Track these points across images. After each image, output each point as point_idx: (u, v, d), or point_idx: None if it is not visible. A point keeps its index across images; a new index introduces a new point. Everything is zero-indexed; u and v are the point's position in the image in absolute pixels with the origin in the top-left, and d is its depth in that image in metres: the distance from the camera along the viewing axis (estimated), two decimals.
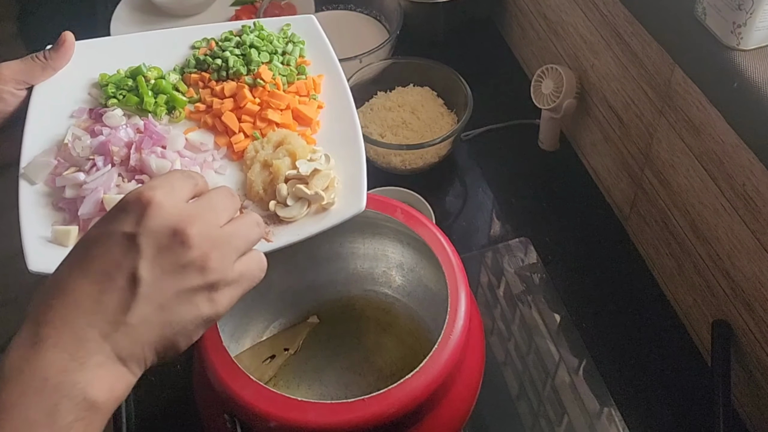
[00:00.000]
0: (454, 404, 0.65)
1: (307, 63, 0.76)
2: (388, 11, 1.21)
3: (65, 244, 0.60)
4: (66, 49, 0.69)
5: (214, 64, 0.73)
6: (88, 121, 0.69)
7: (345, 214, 0.62)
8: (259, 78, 0.72)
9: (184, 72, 0.74)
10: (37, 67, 0.67)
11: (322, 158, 0.65)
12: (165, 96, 0.71)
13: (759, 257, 0.72)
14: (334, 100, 0.72)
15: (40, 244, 0.60)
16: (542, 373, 0.87)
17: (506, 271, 0.97)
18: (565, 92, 1.00)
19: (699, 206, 0.81)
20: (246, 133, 0.69)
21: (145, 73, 0.72)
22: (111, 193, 0.62)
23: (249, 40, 0.75)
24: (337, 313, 0.84)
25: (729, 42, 0.67)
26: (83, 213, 0.61)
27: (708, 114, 0.75)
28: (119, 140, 0.66)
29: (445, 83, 1.09)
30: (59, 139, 0.67)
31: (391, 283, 0.83)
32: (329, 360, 0.81)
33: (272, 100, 0.70)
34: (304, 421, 0.57)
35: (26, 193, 0.63)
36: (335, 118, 0.71)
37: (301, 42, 0.77)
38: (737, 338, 0.79)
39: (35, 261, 0.59)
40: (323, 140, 0.69)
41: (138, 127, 0.68)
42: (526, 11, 1.17)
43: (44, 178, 0.64)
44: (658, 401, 0.83)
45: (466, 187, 1.08)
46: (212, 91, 0.73)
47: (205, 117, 0.71)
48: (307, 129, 0.70)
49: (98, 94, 0.71)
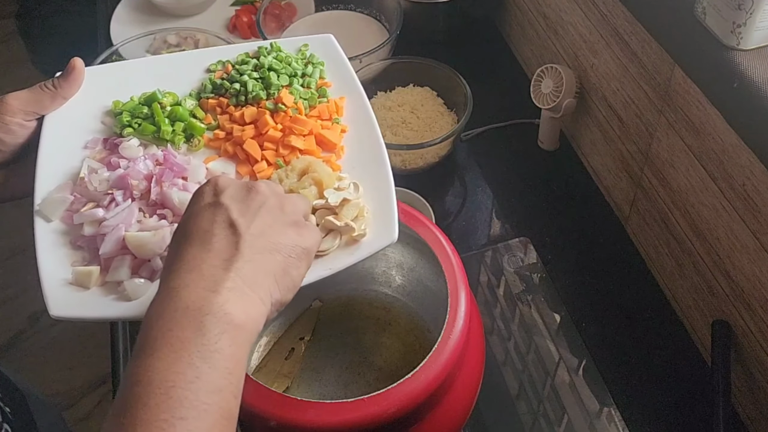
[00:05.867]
0: (454, 404, 0.65)
1: (328, 85, 0.73)
2: (388, 11, 1.21)
3: (87, 286, 0.57)
4: (76, 77, 0.66)
5: (233, 88, 0.70)
6: (103, 152, 0.66)
7: (377, 245, 0.60)
8: (280, 103, 0.69)
9: (201, 97, 0.71)
10: (46, 97, 0.64)
11: (351, 187, 0.62)
12: (182, 124, 0.68)
13: (759, 257, 0.72)
14: (357, 123, 0.69)
15: (60, 287, 0.57)
16: (542, 373, 0.87)
17: (506, 270, 0.97)
18: (565, 92, 1.00)
19: (699, 206, 0.81)
20: (269, 161, 0.66)
21: (160, 100, 0.69)
22: (132, 230, 0.59)
23: (267, 63, 0.72)
24: (337, 312, 0.84)
25: (729, 42, 0.67)
26: (104, 252, 0.58)
27: (708, 114, 0.75)
28: (138, 173, 0.63)
29: (445, 83, 1.09)
30: (74, 173, 0.63)
31: (391, 283, 0.83)
32: (329, 359, 0.81)
33: (295, 126, 0.67)
34: (303, 420, 0.57)
35: (42, 232, 0.60)
36: (360, 142, 0.68)
37: (321, 63, 0.74)
38: (737, 338, 0.79)
39: (56, 306, 0.56)
40: (349, 166, 0.66)
41: (157, 158, 0.65)
42: (526, 11, 1.17)
43: (60, 215, 0.61)
44: (658, 401, 0.83)
45: (465, 186, 1.08)
46: (231, 117, 0.69)
47: (226, 145, 0.68)
48: (331, 155, 0.67)
49: (112, 123, 0.68)
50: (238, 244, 0.49)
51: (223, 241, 0.49)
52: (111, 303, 0.57)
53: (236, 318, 0.46)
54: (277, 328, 0.82)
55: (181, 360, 0.43)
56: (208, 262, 0.48)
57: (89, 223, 0.60)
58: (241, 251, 0.48)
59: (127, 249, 0.58)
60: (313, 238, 0.53)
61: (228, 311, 0.45)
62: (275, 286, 0.50)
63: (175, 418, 0.40)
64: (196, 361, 0.43)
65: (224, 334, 0.45)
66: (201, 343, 0.44)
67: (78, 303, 0.57)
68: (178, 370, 0.42)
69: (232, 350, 0.45)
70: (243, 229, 0.49)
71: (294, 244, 0.51)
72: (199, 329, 0.44)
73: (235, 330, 0.45)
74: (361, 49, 1.09)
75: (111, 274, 0.58)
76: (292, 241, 0.51)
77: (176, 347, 0.43)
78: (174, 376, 0.42)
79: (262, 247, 0.49)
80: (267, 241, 0.50)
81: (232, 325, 0.45)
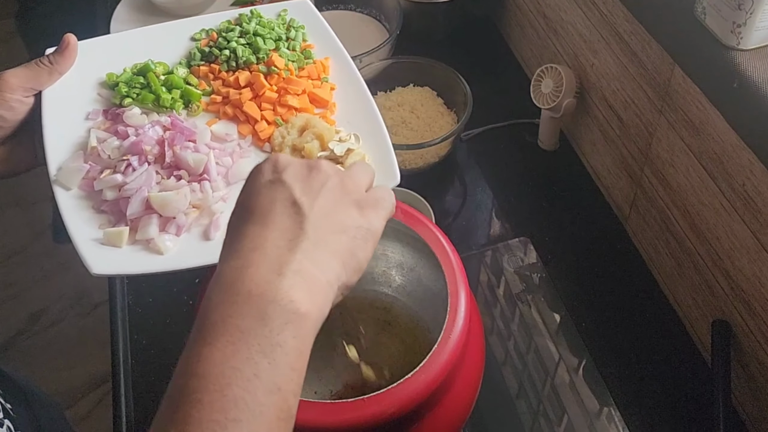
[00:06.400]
0: (454, 404, 0.65)
1: (311, 47, 0.76)
2: (388, 11, 1.21)
3: (118, 245, 0.60)
4: (70, 52, 0.69)
5: (222, 55, 0.74)
6: (106, 122, 0.69)
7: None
8: (272, 66, 0.73)
9: (191, 65, 0.75)
10: (43, 72, 0.67)
11: (352, 137, 0.66)
12: (179, 90, 0.71)
13: (759, 257, 0.72)
14: (344, 81, 0.73)
15: (94, 248, 0.60)
16: (542, 372, 0.87)
17: (506, 270, 0.96)
18: (565, 92, 1.00)
19: (699, 206, 0.81)
20: (268, 120, 0.70)
21: (153, 70, 0.72)
22: (154, 191, 0.62)
23: (252, 29, 0.75)
24: (337, 312, 0.84)
25: (729, 42, 0.67)
26: (132, 213, 0.62)
27: (708, 114, 0.75)
28: (150, 139, 0.66)
29: (444, 83, 1.09)
30: (81, 142, 0.66)
31: (391, 283, 0.83)
32: (328, 359, 0.81)
33: (289, 86, 0.71)
34: (304, 420, 0.57)
35: (64, 199, 0.63)
36: (349, 97, 0.72)
37: (301, 26, 0.78)
38: (737, 338, 0.79)
39: (96, 264, 0.59)
40: (342, 120, 0.70)
41: (164, 124, 0.68)
42: (526, 10, 1.17)
43: (78, 183, 0.64)
44: (658, 401, 0.83)
45: (465, 186, 1.08)
46: (224, 82, 0.73)
47: (224, 108, 0.71)
48: (325, 111, 0.71)
49: (108, 94, 0.71)
50: (303, 224, 0.46)
51: (287, 221, 0.46)
52: (145, 258, 0.61)
53: (302, 306, 0.43)
54: None
55: (239, 353, 0.40)
56: (271, 241, 0.45)
57: (110, 188, 0.63)
58: (306, 231, 0.46)
59: (152, 209, 0.62)
60: (379, 218, 0.51)
61: (293, 298, 0.43)
62: (342, 268, 0.47)
63: (228, 419, 0.39)
64: (255, 356, 0.41)
65: (288, 325, 0.42)
66: (262, 335, 0.41)
67: (115, 261, 0.60)
68: (236, 366, 0.40)
69: (295, 343, 0.42)
70: (307, 209, 0.47)
71: (359, 225, 0.49)
72: (262, 318, 0.42)
73: (300, 320, 0.43)
74: (361, 49, 1.09)
75: (141, 233, 0.61)
76: (357, 222, 0.49)
77: (235, 338, 0.41)
78: (231, 372, 0.40)
79: (327, 227, 0.47)
80: (332, 222, 0.48)
81: (297, 314, 0.43)
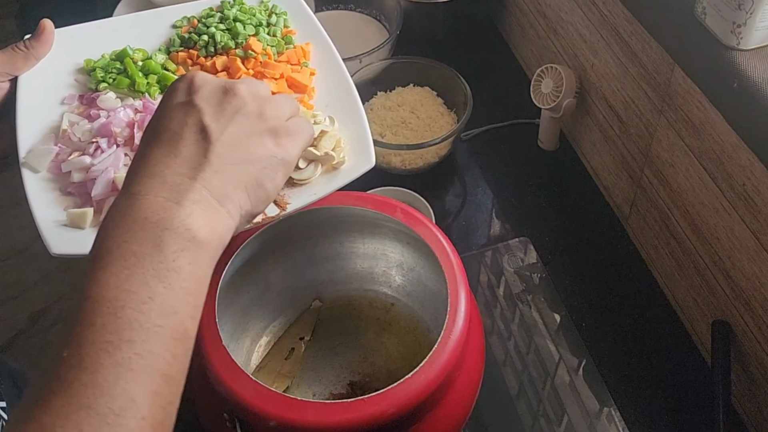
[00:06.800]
0: (454, 404, 0.65)
1: (292, 33, 0.77)
2: (388, 11, 1.21)
3: (82, 226, 0.60)
4: (46, 37, 0.68)
5: (201, 40, 0.74)
6: (81, 107, 0.69)
7: (356, 171, 0.63)
8: (249, 50, 0.73)
9: (170, 51, 0.75)
10: (18, 57, 0.66)
11: (326, 120, 0.66)
12: (156, 75, 0.71)
13: (759, 257, 0.72)
14: (325, 66, 0.73)
15: (56, 228, 0.60)
16: (542, 372, 0.87)
17: (506, 270, 0.96)
18: (565, 92, 1.00)
19: (699, 206, 0.81)
20: None
21: (131, 56, 0.72)
22: (121, 173, 0.62)
23: (232, 15, 0.76)
24: (337, 312, 0.84)
25: (729, 42, 0.67)
26: (96, 194, 0.61)
27: (708, 114, 0.75)
28: (120, 121, 0.66)
29: (444, 83, 1.09)
30: (54, 126, 0.66)
31: (391, 283, 0.83)
32: (329, 359, 0.80)
33: (266, 70, 0.71)
34: (303, 420, 0.57)
35: (31, 182, 0.63)
36: (329, 83, 0.72)
37: (284, 13, 0.78)
38: (737, 338, 0.79)
39: (56, 244, 0.58)
40: (321, 105, 0.70)
41: (136, 107, 0.68)
42: (526, 11, 1.17)
43: (47, 165, 0.64)
44: (658, 401, 0.83)
45: (465, 186, 1.08)
46: (202, 67, 0.73)
47: None
48: (303, 95, 0.71)
49: (85, 80, 0.71)
50: (208, 152, 0.45)
51: (192, 147, 0.46)
52: None
53: (199, 234, 0.43)
54: (277, 328, 0.82)
55: (134, 277, 0.40)
56: (173, 168, 0.45)
57: (77, 170, 0.63)
58: (210, 160, 0.45)
59: (117, 190, 0.61)
60: (295, 147, 0.50)
61: (190, 226, 0.43)
62: (246, 197, 0.47)
63: (122, 340, 0.38)
64: (150, 280, 0.40)
65: (184, 252, 0.42)
66: (158, 261, 0.41)
67: (76, 241, 0.59)
68: (131, 289, 0.40)
69: (192, 269, 0.42)
70: (215, 136, 0.46)
71: (270, 154, 0.48)
72: (157, 245, 0.41)
73: (197, 247, 0.43)
74: (361, 49, 1.09)
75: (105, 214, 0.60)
76: (269, 151, 0.48)
77: (130, 263, 0.41)
78: (125, 295, 0.39)
79: (234, 156, 0.46)
80: (240, 151, 0.47)
81: (194, 242, 0.43)
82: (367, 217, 0.74)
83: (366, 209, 0.72)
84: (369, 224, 0.77)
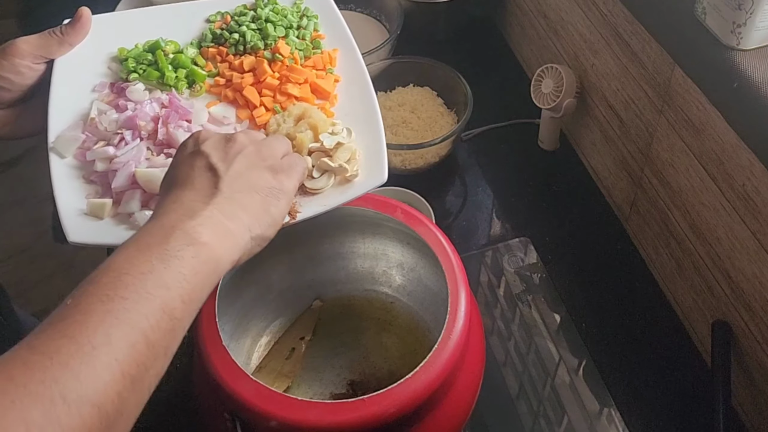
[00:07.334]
0: (454, 404, 0.65)
1: (321, 37, 0.77)
2: (388, 11, 1.21)
3: (100, 217, 0.62)
4: (82, 25, 0.70)
5: (232, 38, 0.74)
6: (111, 95, 0.70)
7: (368, 185, 0.64)
8: (277, 53, 0.73)
9: (201, 46, 0.76)
10: (54, 42, 0.68)
11: (344, 131, 0.66)
12: (185, 70, 0.72)
13: (759, 257, 0.72)
14: (349, 74, 0.73)
15: (76, 217, 0.62)
16: (542, 373, 0.87)
17: (506, 270, 0.97)
18: (565, 92, 1.00)
19: (699, 206, 0.81)
20: (267, 106, 0.71)
21: (163, 48, 0.73)
22: (141, 167, 0.64)
23: (264, 15, 0.76)
24: (337, 312, 0.84)
25: (729, 42, 0.67)
26: (116, 186, 0.63)
27: (708, 114, 0.75)
28: (146, 115, 0.67)
29: (445, 83, 1.09)
30: (84, 113, 0.68)
31: (391, 283, 0.83)
32: (329, 360, 0.81)
33: (291, 75, 0.72)
34: (304, 420, 0.57)
35: (57, 166, 0.65)
36: (352, 91, 0.72)
37: (315, 16, 0.78)
38: (737, 339, 0.79)
39: (74, 233, 0.60)
40: (341, 113, 0.71)
41: (162, 102, 0.69)
42: (526, 11, 1.17)
43: (73, 152, 0.66)
44: (658, 401, 0.83)
45: (466, 186, 1.08)
46: (230, 65, 0.74)
47: (226, 91, 0.72)
48: (325, 102, 0.72)
49: (118, 68, 0.72)
50: (218, 184, 0.53)
51: (204, 182, 0.53)
52: (123, 232, 0.62)
53: (204, 237, 0.49)
54: (277, 328, 0.82)
55: (140, 256, 0.46)
56: (189, 198, 0.52)
57: (101, 159, 0.65)
58: (220, 189, 0.53)
59: (137, 184, 0.63)
60: (291, 181, 0.57)
61: (198, 231, 0.49)
62: (255, 221, 0.53)
63: (117, 296, 0.43)
64: (153, 260, 0.46)
65: (189, 247, 0.48)
66: (164, 249, 0.47)
67: (93, 231, 0.62)
68: (135, 263, 0.46)
69: (193, 262, 0.48)
70: (222, 172, 0.54)
71: (271, 186, 0.55)
72: (166, 239, 0.48)
73: (201, 246, 0.49)
74: (362, 49, 1.07)
75: (123, 206, 0.63)
76: (269, 183, 0.55)
77: (142, 247, 0.47)
78: (129, 266, 0.46)
79: (240, 186, 0.54)
80: (245, 182, 0.54)
81: (198, 242, 0.49)
82: (368, 217, 0.74)
83: (366, 209, 0.72)
84: (369, 224, 0.77)
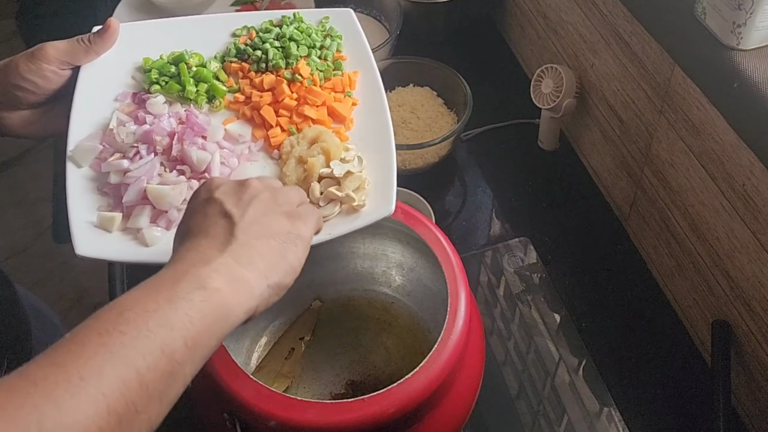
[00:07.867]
0: (454, 404, 0.65)
1: (343, 58, 0.76)
2: (388, 11, 1.21)
3: (109, 230, 0.62)
4: (110, 35, 0.71)
5: (254, 55, 0.74)
6: (132, 105, 0.70)
7: (374, 216, 0.63)
8: (297, 73, 0.73)
9: (225, 60, 0.75)
10: (80, 50, 0.69)
11: (356, 160, 0.66)
12: (206, 85, 0.72)
13: (759, 257, 0.72)
14: (368, 99, 0.73)
15: (86, 229, 0.62)
16: (542, 372, 0.87)
17: (506, 270, 0.97)
18: (565, 92, 1.00)
19: (699, 206, 0.81)
20: (283, 127, 0.71)
21: (187, 60, 0.73)
22: (153, 183, 0.64)
23: (289, 33, 0.76)
24: (337, 312, 0.84)
25: (729, 42, 0.67)
26: (127, 201, 0.63)
27: (708, 114, 0.75)
28: (162, 130, 0.67)
29: (445, 83, 1.09)
30: (104, 123, 0.68)
31: (391, 283, 0.83)
32: (329, 360, 0.81)
33: (309, 96, 0.71)
34: (303, 420, 0.57)
35: (73, 176, 0.65)
36: (369, 116, 0.72)
37: (339, 36, 0.78)
38: (737, 338, 0.79)
39: (81, 246, 0.60)
40: (356, 138, 0.70)
41: (180, 117, 0.69)
42: (526, 11, 1.17)
43: (90, 162, 0.66)
44: (658, 401, 0.83)
45: (465, 186, 1.08)
46: (251, 82, 0.74)
47: (244, 108, 0.72)
48: (341, 126, 0.71)
49: (142, 78, 0.72)
50: (233, 231, 0.51)
51: (219, 229, 0.51)
52: (130, 247, 0.62)
53: (216, 283, 0.47)
54: (277, 328, 0.82)
55: (147, 296, 0.45)
56: (205, 245, 0.50)
57: (115, 172, 0.65)
58: (236, 236, 0.51)
59: (147, 199, 0.63)
60: (307, 228, 0.55)
61: (212, 277, 0.47)
62: (272, 269, 0.51)
63: (116, 330, 0.42)
64: (160, 300, 0.45)
65: (198, 291, 0.46)
66: (173, 291, 0.45)
67: (101, 244, 0.62)
68: (140, 302, 0.44)
69: (202, 306, 0.46)
70: (237, 218, 0.52)
71: (288, 231, 0.53)
72: (176, 282, 0.46)
73: (212, 292, 0.47)
74: None
75: (132, 221, 0.63)
76: (285, 228, 0.53)
77: (150, 290, 0.46)
78: (134, 305, 0.44)
79: (256, 232, 0.52)
80: (261, 228, 0.52)
81: (209, 287, 0.47)
82: None
83: None
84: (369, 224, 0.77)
